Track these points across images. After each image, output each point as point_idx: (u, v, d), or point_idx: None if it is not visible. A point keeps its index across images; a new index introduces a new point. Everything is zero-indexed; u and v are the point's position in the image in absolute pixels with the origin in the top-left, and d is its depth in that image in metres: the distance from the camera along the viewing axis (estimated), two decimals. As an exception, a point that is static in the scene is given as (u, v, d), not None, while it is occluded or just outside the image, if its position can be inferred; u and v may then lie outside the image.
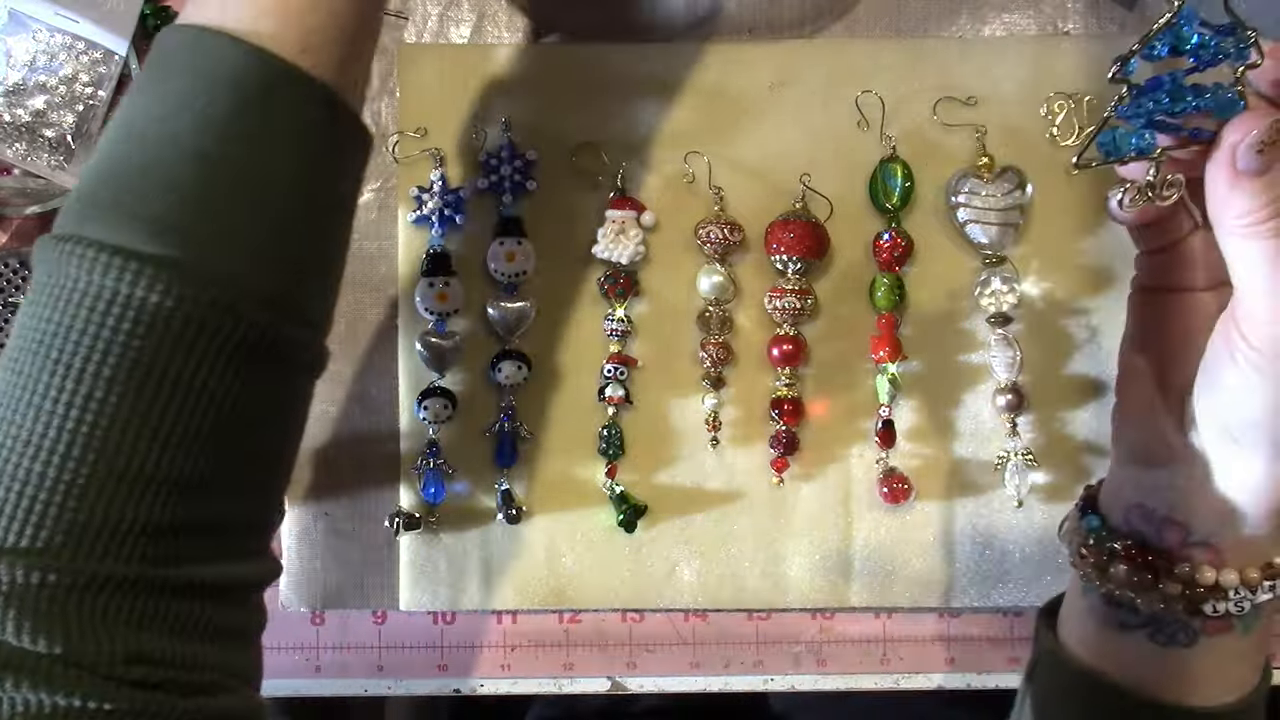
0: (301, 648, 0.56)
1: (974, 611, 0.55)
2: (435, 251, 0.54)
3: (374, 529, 0.55)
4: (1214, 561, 0.37)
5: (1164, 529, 0.38)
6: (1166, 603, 0.37)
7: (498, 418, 0.54)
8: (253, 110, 0.35)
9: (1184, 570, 0.37)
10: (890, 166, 0.54)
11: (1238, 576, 0.36)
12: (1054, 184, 0.54)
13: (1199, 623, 0.37)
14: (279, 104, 0.35)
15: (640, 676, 0.55)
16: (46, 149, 0.53)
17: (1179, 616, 0.37)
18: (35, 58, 0.53)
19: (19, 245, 0.56)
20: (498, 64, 0.55)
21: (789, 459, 0.54)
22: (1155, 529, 0.38)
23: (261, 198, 0.35)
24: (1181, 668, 0.38)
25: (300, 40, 0.36)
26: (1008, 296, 0.53)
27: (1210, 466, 0.37)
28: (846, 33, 0.55)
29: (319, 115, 0.36)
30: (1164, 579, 0.37)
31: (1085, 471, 0.54)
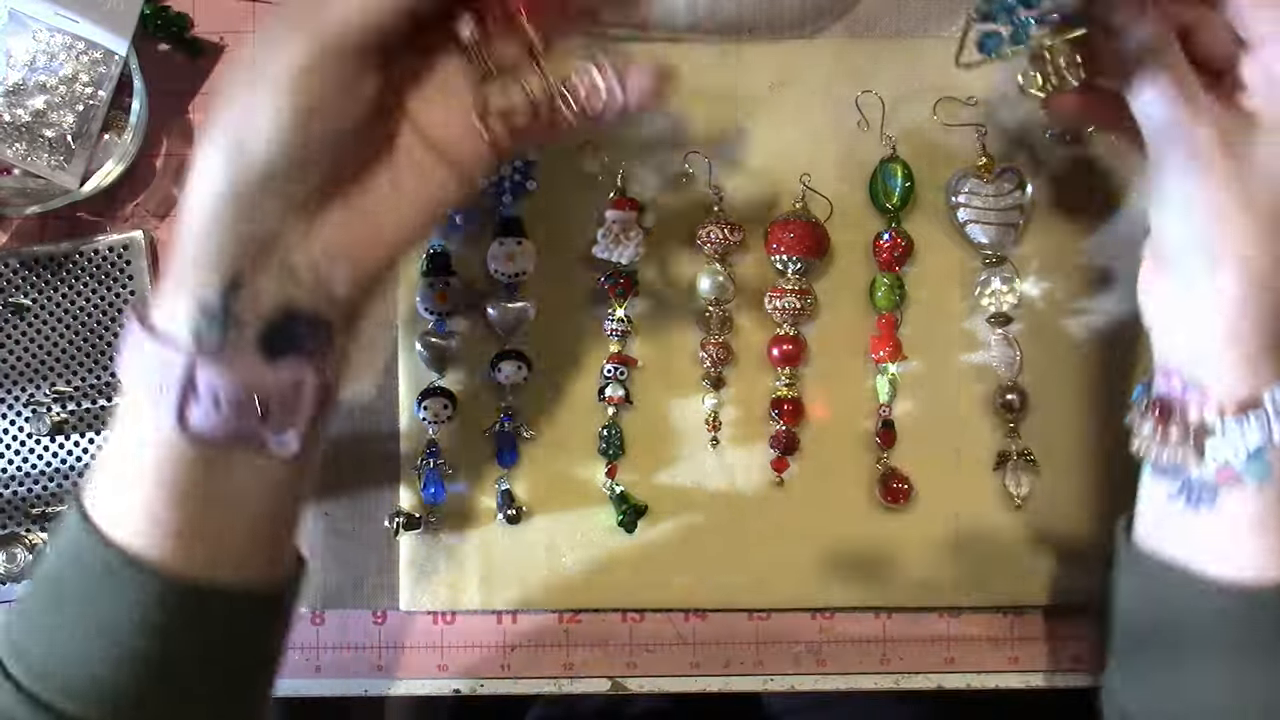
0: (301, 648, 0.56)
1: (974, 611, 0.55)
2: (435, 251, 0.54)
3: (374, 529, 0.55)
4: (1202, 402, 0.39)
5: (1169, 380, 0.41)
6: (1179, 453, 0.40)
7: (498, 418, 0.54)
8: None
9: (1180, 414, 0.39)
10: (890, 166, 0.54)
11: (1217, 409, 0.38)
12: (1054, 184, 0.54)
13: (1210, 474, 0.39)
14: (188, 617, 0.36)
15: (640, 676, 0.55)
16: (46, 149, 0.53)
17: (1195, 471, 0.40)
18: (35, 58, 0.53)
19: (19, 245, 0.56)
20: (498, 64, 0.55)
21: (789, 459, 0.54)
22: (1166, 383, 0.41)
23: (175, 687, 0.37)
24: (1214, 532, 0.40)
25: (209, 559, 0.36)
26: (1008, 296, 0.53)
27: (1177, 307, 0.40)
28: (846, 33, 0.55)
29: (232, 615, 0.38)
30: (1169, 426, 0.40)
31: (1085, 471, 0.54)
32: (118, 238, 0.56)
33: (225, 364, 0.34)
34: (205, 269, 0.34)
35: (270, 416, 0.35)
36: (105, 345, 0.56)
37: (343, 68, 0.32)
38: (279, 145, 0.32)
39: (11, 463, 0.56)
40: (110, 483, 0.36)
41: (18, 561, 0.54)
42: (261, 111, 0.32)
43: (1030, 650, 0.55)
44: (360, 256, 0.36)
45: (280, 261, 0.34)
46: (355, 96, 0.33)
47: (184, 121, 0.57)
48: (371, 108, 0.34)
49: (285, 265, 0.34)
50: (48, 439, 0.56)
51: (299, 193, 0.34)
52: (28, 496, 0.56)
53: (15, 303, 0.56)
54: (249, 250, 0.33)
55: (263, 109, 0.32)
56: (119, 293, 0.56)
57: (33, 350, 0.56)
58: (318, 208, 0.35)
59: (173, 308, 0.34)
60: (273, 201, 0.33)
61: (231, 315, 0.34)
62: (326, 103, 0.32)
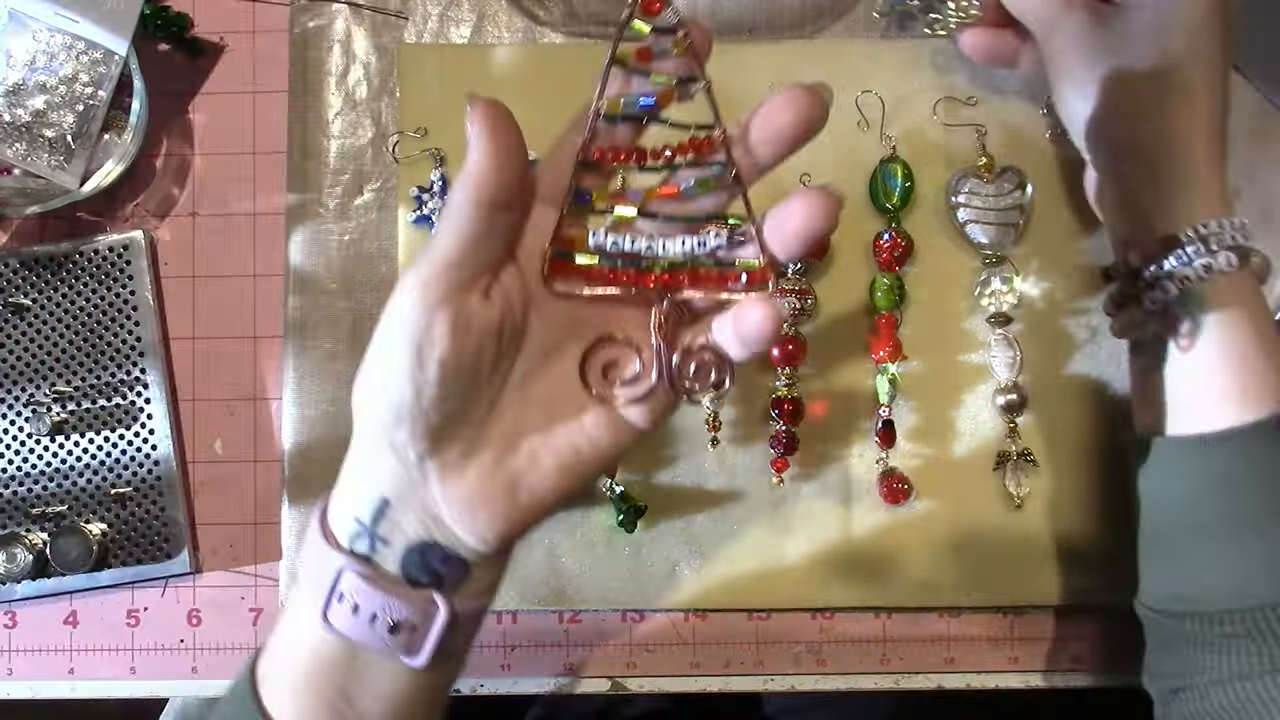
0: (301, 648, 0.56)
1: (974, 611, 0.55)
2: (435, 251, 0.54)
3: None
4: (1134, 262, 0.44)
5: (1115, 247, 0.47)
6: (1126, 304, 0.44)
7: (498, 418, 0.54)
8: None
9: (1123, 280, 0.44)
10: (890, 166, 0.54)
11: (1139, 253, 0.43)
12: (1054, 184, 0.54)
13: (1155, 323, 0.44)
14: None
15: (640, 676, 0.55)
16: (46, 149, 0.53)
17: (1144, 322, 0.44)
18: (35, 58, 0.53)
19: (19, 245, 0.56)
20: (498, 64, 0.55)
21: (789, 459, 0.54)
22: (1118, 249, 0.46)
23: None
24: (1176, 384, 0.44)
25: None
26: (1008, 296, 0.53)
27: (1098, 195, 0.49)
28: (846, 33, 0.55)
29: None
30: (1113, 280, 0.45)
31: (1085, 471, 0.54)
32: (118, 238, 0.56)
33: (367, 576, 0.35)
34: (363, 485, 0.35)
35: (399, 632, 0.35)
36: (105, 345, 0.56)
37: (442, 299, 0.32)
38: (400, 379, 0.33)
39: (11, 463, 0.56)
40: (272, 653, 0.38)
41: (18, 561, 0.54)
42: (385, 351, 0.33)
43: (1030, 650, 0.55)
44: (501, 512, 0.35)
45: (422, 503, 0.35)
46: (464, 328, 0.33)
47: (184, 121, 0.57)
48: (482, 343, 0.33)
49: (427, 509, 0.35)
50: (48, 439, 0.56)
51: (427, 429, 0.33)
52: (28, 496, 0.56)
53: (15, 303, 0.56)
54: (395, 483, 0.35)
55: (385, 348, 0.33)
56: (119, 293, 0.56)
57: (33, 350, 0.56)
58: (460, 459, 0.34)
59: (340, 508, 0.36)
60: (406, 438, 0.34)
61: (377, 535, 0.35)
62: (436, 336, 0.32)
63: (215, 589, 0.56)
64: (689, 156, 0.34)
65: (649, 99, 0.33)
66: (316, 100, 0.56)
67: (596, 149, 0.34)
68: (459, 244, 0.33)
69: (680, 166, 0.34)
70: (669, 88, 0.33)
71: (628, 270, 0.34)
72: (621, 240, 0.34)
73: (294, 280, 0.55)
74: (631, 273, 0.34)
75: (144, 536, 0.55)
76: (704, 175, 0.34)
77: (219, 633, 0.56)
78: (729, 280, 0.34)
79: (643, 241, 0.34)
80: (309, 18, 0.56)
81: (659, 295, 0.34)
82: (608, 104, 0.34)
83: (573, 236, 0.34)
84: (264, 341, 0.56)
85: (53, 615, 0.56)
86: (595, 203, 0.34)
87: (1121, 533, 0.50)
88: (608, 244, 0.34)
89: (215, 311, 0.57)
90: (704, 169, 0.34)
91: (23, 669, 0.56)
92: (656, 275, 0.34)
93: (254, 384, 0.56)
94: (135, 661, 0.56)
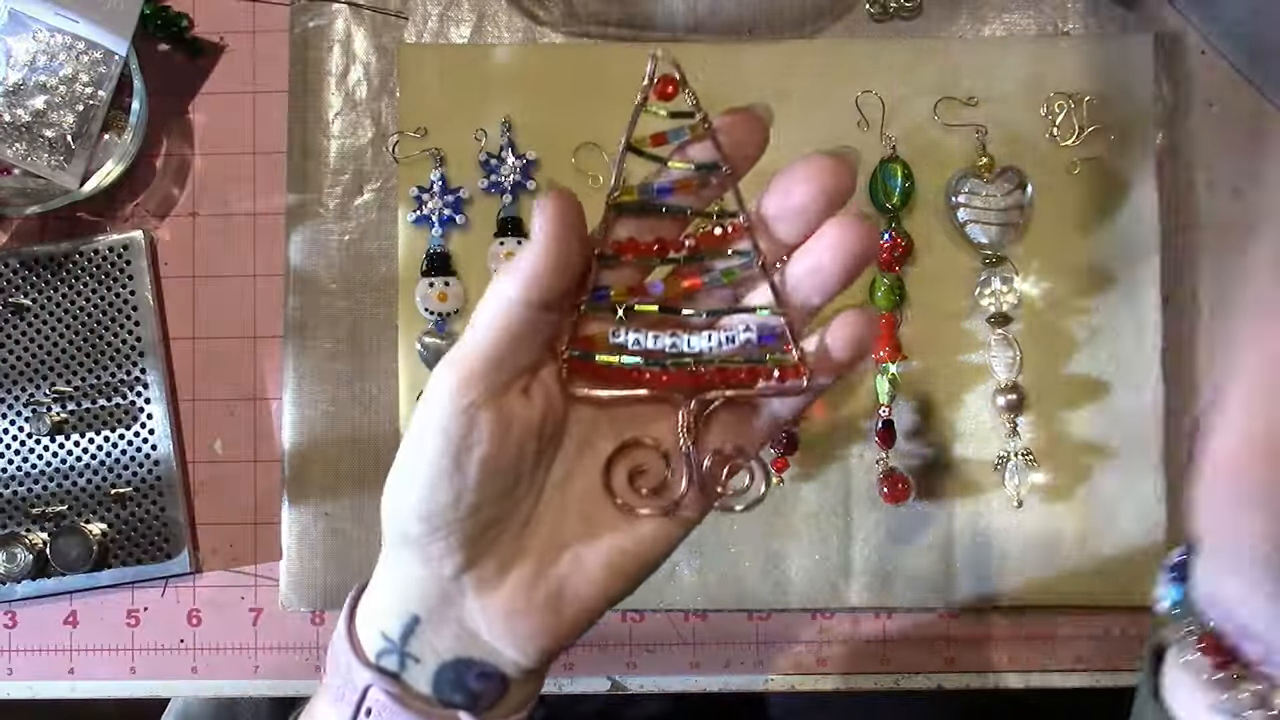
0: (301, 648, 0.56)
1: (974, 611, 0.55)
2: (435, 251, 0.54)
3: (374, 529, 0.55)
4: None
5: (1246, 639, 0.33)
6: (1234, 700, 0.32)
7: (498, 418, 0.54)
8: None
9: (1261, 687, 0.32)
10: (890, 166, 0.54)
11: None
12: (1054, 184, 0.54)
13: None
14: None
15: (640, 676, 0.55)
16: (46, 149, 0.53)
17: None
18: (35, 58, 0.53)
19: (19, 245, 0.56)
20: (498, 64, 0.55)
21: (789, 459, 0.54)
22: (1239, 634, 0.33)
23: None
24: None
25: None
26: (1008, 296, 0.53)
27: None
28: (846, 33, 0.55)
29: None
30: (1240, 685, 0.32)
31: (1085, 471, 0.54)
32: (118, 238, 0.56)
33: (396, 696, 0.33)
34: (393, 600, 0.33)
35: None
36: (105, 345, 0.56)
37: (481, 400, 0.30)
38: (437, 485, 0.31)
39: (11, 463, 0.56)
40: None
41: (18, 561, 0.54)
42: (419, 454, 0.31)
43: (1030, 650, 0.55)
44: (546, 625, 0.33)
45: (458, 618, 0.33)
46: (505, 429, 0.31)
47: (184, 121, 0.57)
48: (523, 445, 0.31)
49: (463, 624, 0.33)
50: (48, 439, 0.56)
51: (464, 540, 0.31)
52: (28, 496, 0.56)
53: (15, 303, 0.56)
54: (428, 599, 0.33)
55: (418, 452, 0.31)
56: (119, 293, 0.56)
57: (33, 350, 0.56)
58: (499, 571, 0.32)
59: (369, 617, 0.34)
60: (442, 550, 0.31)
61: (407, 654, 0.33)
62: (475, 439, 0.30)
63: (215, 589, 0.56)
64: (712, 247, 0.31)
65: (666, 187, 0.31)
66: (316, 100, 0.56)
67: (613, 242, 0.31)
68: (501, 342, 0.30)
69: (704, 258, 0.31)
70: (688, 175, 0.31)
71: (651, 370, 0.32)
72: (644, 337, 0.32)
73: (294, 280, 0.55)
74: (655, 373, 0.32)
75: (144, 536, 0.55)
76: (729, 266, 0.31)
77: (219, 633, 0.56)
78: (760, 377, 0.32)
79: (666, 338, 0.32)
80: (309, 18, 0.56)
81: (686, 395, 0.32)
82: (621, 191, 0.31)
83: (592, 335, 0.32)
84: (264, 341, 0.56)
85: (53, 615, 0.56)
86: (614, 299, 0.32)
87: (1121, 533, 0.50)
88: (629, 342, 0.32)
89: (215, 311, 0.57)
90: (729, 259, 0.31)
91: (23, 669, 0.56)
92: (682, 374, 0.32)
93: (254, 384, 0.56)
94: (135, 661, 0.56)
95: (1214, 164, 0.55)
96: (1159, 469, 0.53)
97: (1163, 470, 0.53)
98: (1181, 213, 0.55)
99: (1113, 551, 0.53)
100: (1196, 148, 0.55)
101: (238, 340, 0.57)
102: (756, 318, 0.31)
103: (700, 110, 0.30)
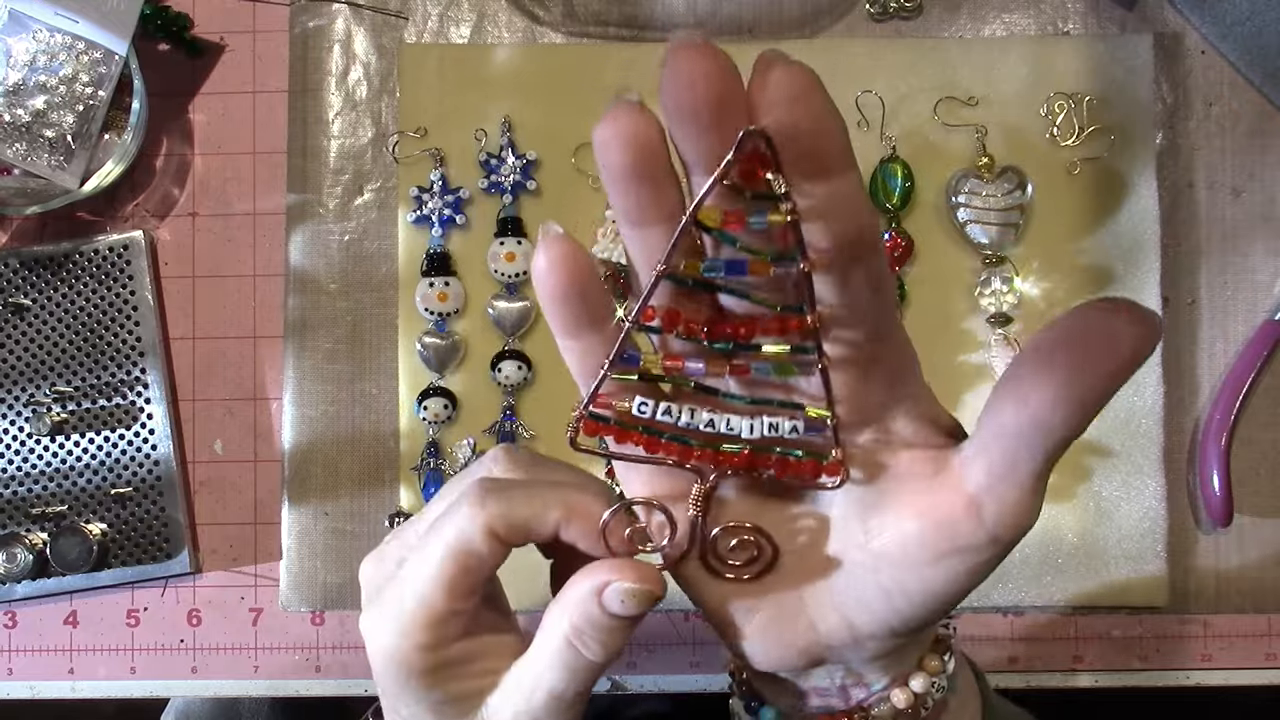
0: (301, 648, 0.56)
1: (974, 611, 0.55)
2: (435, 251, 0.54)
3: (374, 529, 0.55)
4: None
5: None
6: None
7: (498, 418, 0.54)
8: None
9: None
10: (890, 166, 0.54)
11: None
12: (1054, 184, 0.54)
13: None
14: None
15: (640, 676, 0.55)
16: (46, 149, 0.53)
17: None
18: (35, 58, 0.53)
19: (19, 245, 0.56)
20: (498, 64, 0.55)
21: (789, 459, 0.53)
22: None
23: None
24: None
25: None
26: (1008, 296, 0.53)
27: None
28: (846, 33, 0.55)
29: None
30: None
31: (1085, 471, 0.54)
32: (118, 238, 0.56)
33: None
34: None
35: None
36: (105, 345, 0.56)
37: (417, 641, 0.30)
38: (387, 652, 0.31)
39: (11, 463, 0.56)
40: None
41: (18, 561, 0.54)
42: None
43: (1030, 650, 0.55)
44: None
45: None
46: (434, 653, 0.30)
47: (184, 121, 0.57)
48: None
49: None
50: (48, 439, 0.56)
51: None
52: (28, 496, 0.56)
53: (15, 303, 0.56)
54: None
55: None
56: (119, 293, 0.56)
57: (33, 350, 0.56)
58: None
59: None
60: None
61: None
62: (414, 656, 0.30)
63: (215, 589, 0.56)
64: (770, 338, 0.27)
65: (739, 265, 0.26)
66: (316, 100, 0.56)
67: (653, 310, 0.27)
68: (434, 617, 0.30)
69: (758, 348, 0.27)
70: (763, 261, 0.26)
71: (672, 443, 0.29)
72: (676, 412, 0.28)
73: (294, 280, 0.55)
74: (683, 448, 0.29)
75: (144, 536, 0.55)
76: (784, 361, 0.28)
77: (219, 633, 0.56)
78: (792, 470, 0.29)
79: (704, 413, 0.29)
80: (309, 18, 0.56)
81: (710, 470, 0.29)
82: (685, 265, 0.26)
83: (612, 401, 0.29)
84: (264, 341, 0.56)
85: (53, 615, 0.56)
86: (646, 368, 0.28)
87: (1121, 533, 0.50)
88: (656, 414, 0.28)
89: (215, 311, 0.57)
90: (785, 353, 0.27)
91: (23, 669, 0.56)
92: (711, 453, 0.29)
93: (254, 384, 0.56)
94: (135, 661, 0.56)
95: (1214, 164, 0.55)
96: (1159, 469, 0.53)
97: (1163, 470, 0.53)
98: (1181, 213, 0.55)
99: (1113, 551, 0.53)
100: (1196, 148, 0.55)
101: (238, 340, 0.57)
102: (803, 414, 0.28)
103: (790, 200, 0.24)
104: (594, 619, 0.28)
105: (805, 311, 0.26)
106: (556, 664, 0.29)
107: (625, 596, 0.28)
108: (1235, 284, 0.55)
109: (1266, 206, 0.55)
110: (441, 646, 0.30)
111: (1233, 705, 0.69)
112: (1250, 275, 0.55)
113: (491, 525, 0.29)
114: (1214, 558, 0.54)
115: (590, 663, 0.29)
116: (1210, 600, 0.54)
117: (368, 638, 0.31)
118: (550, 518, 0.29)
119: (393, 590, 0.30)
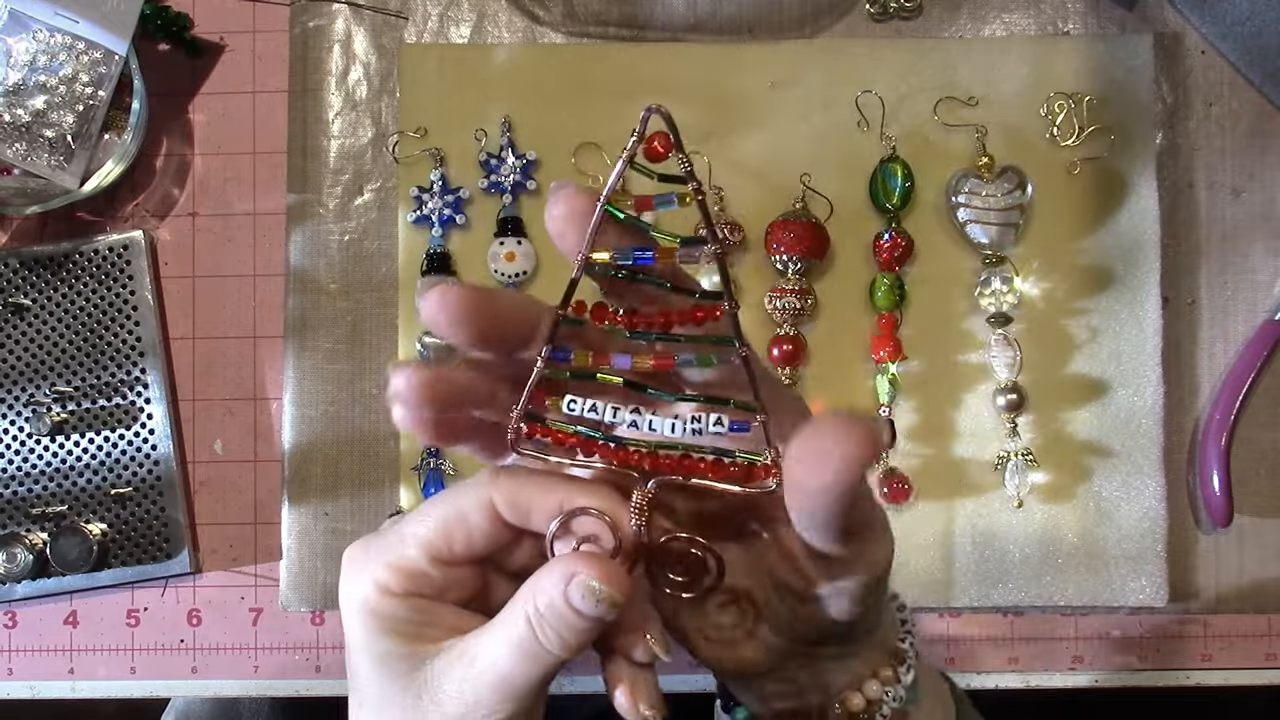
0: (301, 648, 0.56)
1: (974, 611, 0.55)
2: (435, 251, 0.54)
3: (374, 529, 0.55)
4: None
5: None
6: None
7: (498, 418, 0.54)
8: None
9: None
10: (890, 166, 0.54)
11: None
12: (1054, 184, 0.54)
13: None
14: None
15: (640, 676, 0.55)
16: (46, 149, 0.53)
17: None
18: (35, 58, 0.53)
19: (19, 245, 0.56)
20: (498, 64, 0.55)
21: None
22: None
23: None
24: None
25: None
26: (1008, 296, 0.53)
27: None
28: (846, 33, 0.55)
29: None
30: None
31: (1085, 471, 0.54)
32: (118, 238, 0.56)
33: None
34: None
35: None
36: (105, 345, 0.56)
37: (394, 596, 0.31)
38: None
39: (11, 463, 0.56)
40: None
41: (18, 561, 0.54)
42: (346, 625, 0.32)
43: (1030, 650, 0.55)
44: None
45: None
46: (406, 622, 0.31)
47: (184, 121, 0.57)
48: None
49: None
50: (48, 439, 0.56)
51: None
52: (28, 496, 0.56)
53: (15, 303, 0.56)
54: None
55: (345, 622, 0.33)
56: (119, 293, 0.56)
57: (33, 350, 0.56)
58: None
59: None
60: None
61: None
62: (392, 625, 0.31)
63: (215, 589, 0.56)
64: (689, 327, 0.27)
65: (645, 255, 0.27)
66: (316, 100, 0.56)
67: (578, 305, 0.28)
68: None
69: (680, 339, 0.28)
70: (670, 245, 0.27)
71: (607, 445, 0.29)
72: (602, 410, 0.28)
73: (294, 280, 0.55)
74: (610, 449, 0.29)
75: (144, 536, 0.55)
76: (705, 353, 0.28)
77: (219, 633, 0.56)
78: (723, 473, 0.28)
79: (626, 413, 0.28)
80: (309, 18, 0.56)
81: (644, 477, 0.29)
82: (593, 249, 0.28)
83: (545, 399, 0.29)
84: (264, 341, 0.56)
85: (53, 615, 0.56)
86: (575, 363, 0.28)
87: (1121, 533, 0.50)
88: (584, 411, 0.28)
89: (215, 311, 0.57)
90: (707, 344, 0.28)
91: (23, 669, 0.56)
92: (639, 455, 0.29)
93: (254, 384, 0.56)
94: (135, 661, 0.56)
95: (1214, 164, 0.55)
96: (1159, 469, 0.53)
97: (1163, 470, 0.53)
98: (1181, 213, 0.55)
99: (1113, 551, 0.53)
100: (1196, 148, 0.55)
101: (238, 340, 0.57)
102: (730, 410, 0.28)
103: (694, 179, 0.25)
104: (556, 608, 0.28)
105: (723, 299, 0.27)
106: (511, 643, 0.29)
107: (586, 593, 0.28)
108: (1235, 284, 0.55)
109: (1266, 206, 0.55)
110: (404, 598, 0.31)
111: (1233, 705, 0.69)
112: (1250, 275, 0.55)
113: (493, 498, 0.29)
114: (1214, 558, 0.54)
115: (545, 652, 0.29)
116: (1210, 600, 0.54)
117: (342, 577, 0.32)
118: (551, 505, 0.29)
119: (378, 539, 0.32)
